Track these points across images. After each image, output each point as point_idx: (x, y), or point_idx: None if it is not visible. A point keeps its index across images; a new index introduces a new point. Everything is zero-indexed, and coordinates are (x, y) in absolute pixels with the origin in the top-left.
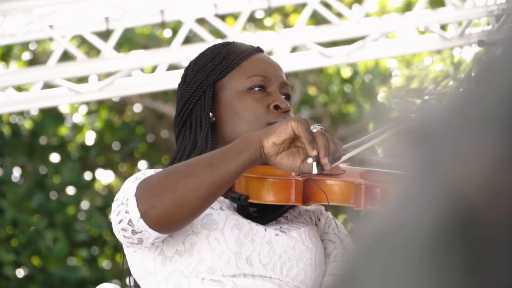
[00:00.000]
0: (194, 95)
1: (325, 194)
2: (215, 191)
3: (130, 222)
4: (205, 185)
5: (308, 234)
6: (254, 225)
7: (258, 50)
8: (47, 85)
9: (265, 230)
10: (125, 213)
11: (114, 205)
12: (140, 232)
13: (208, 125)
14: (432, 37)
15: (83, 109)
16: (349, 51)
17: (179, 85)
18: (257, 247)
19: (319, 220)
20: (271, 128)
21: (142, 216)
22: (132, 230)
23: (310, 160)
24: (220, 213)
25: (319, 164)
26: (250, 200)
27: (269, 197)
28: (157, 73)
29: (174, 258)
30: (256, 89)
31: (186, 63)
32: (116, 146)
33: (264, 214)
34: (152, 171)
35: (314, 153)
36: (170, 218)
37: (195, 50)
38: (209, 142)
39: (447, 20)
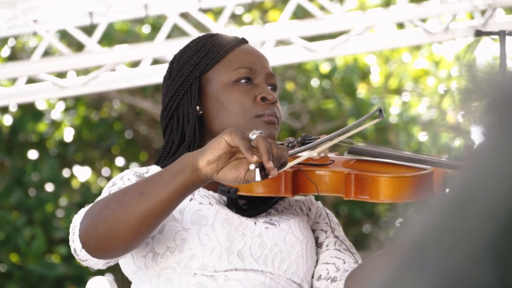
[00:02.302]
0: (180, 89)
1: (314, 184)
2: (146, 222)
3: (75, 251)
4: (134, 216)
5: (298, 226)
6: (244, 219)
7: (243, 41)
8: (30, 80)
9: (255, 223)
10: (72, 242)
11: (70, 227)
12: (86, 261)
13: (195, 119)
14: (417, 32)
15: (61, 106)
16: (333, 45)
17: (165, 78)
18: (248, 241)
19: (310, 210)
20: (206, 146)
21: (83, 247)
22: (79, 259)
23: (252, 167)
24: (210, 208)
25: (263, 170)
26: (239, 193)
27: (258, 189)
28: (141, 68)
29: (165, 255)
30: (243, 81)
31: (170, 58)
32: (94, 142)
33: (254, 206)
34: (131, 174)
35: (255, 158)
36: (106, 249)
37: (179, 45)
38: (197, 136)
39: (431, 14)
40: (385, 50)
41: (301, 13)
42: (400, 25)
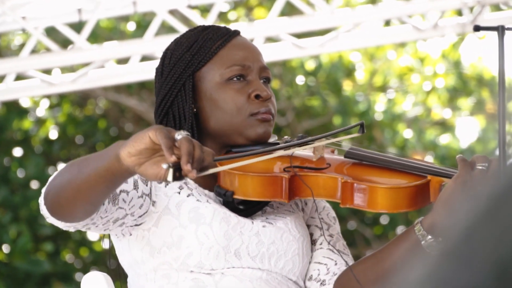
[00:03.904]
0: (173, 87)
1: (310, 190)
2: (79, 197)
3: (40, 206)
4: (70, 188)
5: (294, 223)
6: (241, 218)
7: (235, 34)
8: (17, 77)
9: (252, 222)
10: (40, 199)
11: None
12: (48, 218)
13: (192, 117)
14: (405, 28)
15: (45, 103)
16: (322, 42)
17: (157, 74)
18: (245, 240)
19: (306, 204)
20: (131, 138)
21: (44, 204)
22: (42, 213)
23: (164, 166)
24: (208, 206)
25: (177, 170)
26: (235, 196)
27: (254, 194)
28: (130, 65)
29: (162, 250)
30: (235, 79)
31: (159, 54)
32: (79, 140)
33: (250, 206)
34: None
35: (172, 158)
36: (56, 212)
37: (168, 42)
38: (195, 134)
39: (421, 10)
40: (374, 47)
41: (287, 11)
42: (388, 23)
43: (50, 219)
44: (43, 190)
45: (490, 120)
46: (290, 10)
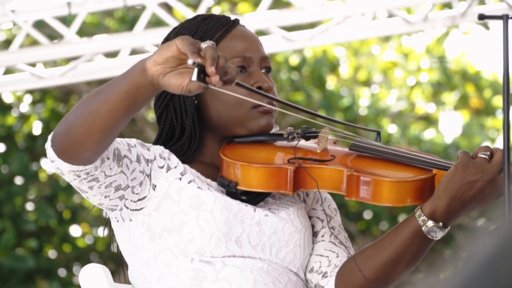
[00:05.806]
0: None
1: (315, 181)
2: (97, 120)
3: (47, 150)
4: (87, 113)
5: (296, 214)
6: (243, 206)
7: (235, 23)
8: (7, 71)
9: (254, 210)
10: (47, 142)
11: None
12: (54, 161)
13: (193, 110)
14: (396, 21)
15: (28, 99)
16: (313, 34)
17: None
18: (246, 228)
19: (307, 195)
20: (158, 48)
21: (51, 146)
22: (48, 158)
23: (190, 62)
24: (209, 193)
25: (201, 74)
26: (239, 187)
27: (258, 185)
28: (119, 58)
29: (163, 235)
30: None
31: (149, 48)
32: None
33: (252, 197)
34: (135, 139)
35: (198, 60)
36: (65, 148)
37: (158, 35)
38: (196, 127)
39: (411, 3)
40: (363, 40)
41: (274, 4)
42: (377, 16)
43: (56, 163)
44: (50, 135)
45: (474, 115)
46: (276, 4)
